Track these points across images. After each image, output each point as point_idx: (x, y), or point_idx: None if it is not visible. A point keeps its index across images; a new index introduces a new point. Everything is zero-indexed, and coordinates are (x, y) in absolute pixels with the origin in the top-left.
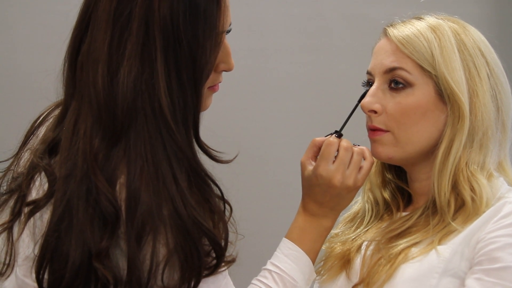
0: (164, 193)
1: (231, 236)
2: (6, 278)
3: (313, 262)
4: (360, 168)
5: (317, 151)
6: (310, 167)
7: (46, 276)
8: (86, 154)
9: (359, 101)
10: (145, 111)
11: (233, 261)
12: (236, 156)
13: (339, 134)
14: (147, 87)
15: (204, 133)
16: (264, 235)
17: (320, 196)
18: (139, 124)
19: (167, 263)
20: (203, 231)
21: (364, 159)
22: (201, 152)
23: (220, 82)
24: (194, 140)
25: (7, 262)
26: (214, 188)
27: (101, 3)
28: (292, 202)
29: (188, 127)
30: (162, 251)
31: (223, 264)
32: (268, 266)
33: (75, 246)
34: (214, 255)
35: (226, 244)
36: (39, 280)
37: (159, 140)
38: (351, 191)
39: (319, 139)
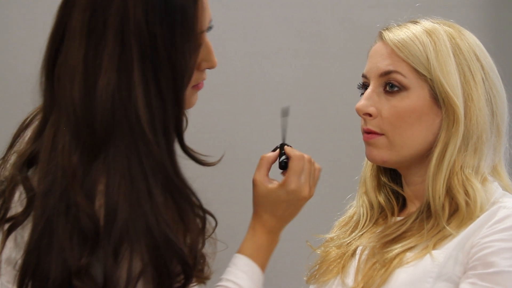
0: (139, 209)
1: (212, 251)
2: None
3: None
4: None
5: (270, 168)
6: (270, 185)
7: None
8: (65, 170)
9: (284, 113)
10: (123, 124)
11: (206, 278)
12: (221, 158)
13: (283, 145)
14: (125, 99)
15: (198, 136)
16: None
17: (283, 211)
18: (118, 138)
19: (141, 277)
20: (174, 250)
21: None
22: (189, 158)
23: (204, 80)
24: (180, 146)
25: None
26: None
27: (74, 12)
28: None
29: (170, 136)
30: (137, 266)
31: (194, 279)
32: (225, 283)
33: (56, 264)
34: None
35: (195, 264)
36: None
37: (135, 154)
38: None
39: (270, 155)
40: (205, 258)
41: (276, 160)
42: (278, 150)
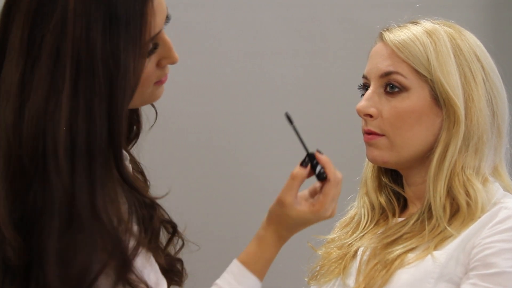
0: (47, 251)
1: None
2: None
3: None
4: None
5: (299, 185)
6: (301, 207)
7: None
8: None
9: (289, 120)
10: (45, 152)
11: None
12: (167, 194)
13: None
14: (49, 124)
15: (198, 137)
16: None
17: (304, 227)
18: (42, 168)
19: None
20: None
21: None
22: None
23: (166, 74)
24: (116, 171)
25: None
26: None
27: (13, 29)
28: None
29: (95, 163)
30: None
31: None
32: None
33: None
34: None
35: None
36: None
37: (49, 188)
38: None
39: (303, 173)
40: (182, 262)
41: (308, 176)
42: (309, 165)
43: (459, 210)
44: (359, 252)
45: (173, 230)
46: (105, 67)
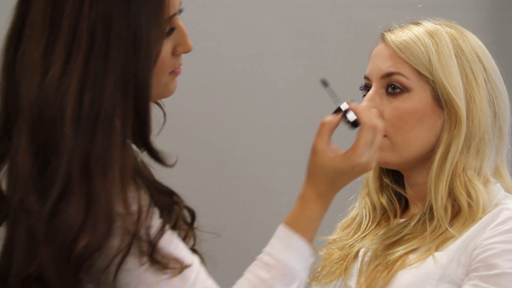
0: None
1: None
2: None
3: None
4: None
5: (332, 134)
6: (334, 155)
7: None
8: (21, 175)
9: (325, 84)
10: (55, 123)
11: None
12: (176, 162)
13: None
14: (59, 94)
15: (198, 137)
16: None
17: (343, 182)
18: (53, 139)
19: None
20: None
21: None
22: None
23: (180, 65)
24: (142, 142)
25: None
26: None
27: (33, 6)
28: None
29: (98, 130)
30: None
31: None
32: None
33: (14, 270)
34: None
35: None
36: None
37: (56, 157)
38: None
39: (332, 120)
40: (197, 251)
41: (338, 123)
42: (341, 113)
43: (460, 211)
44: (361, 253)
45: (193, 217)
46: (122, 39)
